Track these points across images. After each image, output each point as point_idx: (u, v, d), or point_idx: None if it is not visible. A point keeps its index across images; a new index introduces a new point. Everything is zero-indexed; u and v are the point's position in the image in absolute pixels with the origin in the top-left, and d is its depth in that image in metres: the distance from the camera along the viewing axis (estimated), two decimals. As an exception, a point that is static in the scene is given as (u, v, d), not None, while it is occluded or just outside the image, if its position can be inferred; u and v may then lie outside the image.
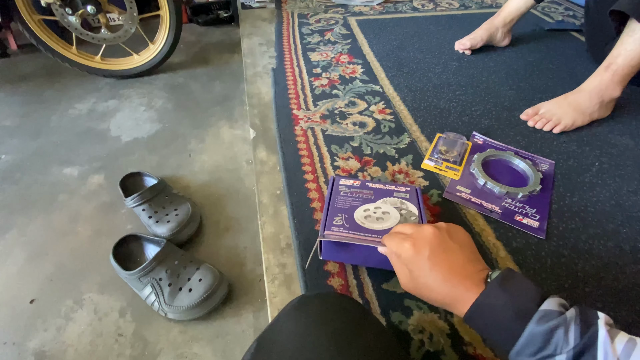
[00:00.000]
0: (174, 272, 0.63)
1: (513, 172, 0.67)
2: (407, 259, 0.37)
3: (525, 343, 0.28)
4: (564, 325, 0.28)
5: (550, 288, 0.50)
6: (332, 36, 1.16)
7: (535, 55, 1.04)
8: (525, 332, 0.28)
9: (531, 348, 0.28)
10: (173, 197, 0.79)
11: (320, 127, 0.79)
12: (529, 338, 0.28)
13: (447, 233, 0.38)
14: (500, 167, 0.68)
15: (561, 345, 0.27)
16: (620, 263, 0.53)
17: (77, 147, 1.02)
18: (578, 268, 0.52)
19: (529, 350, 0.28)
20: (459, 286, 0.33)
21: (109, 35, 1.17)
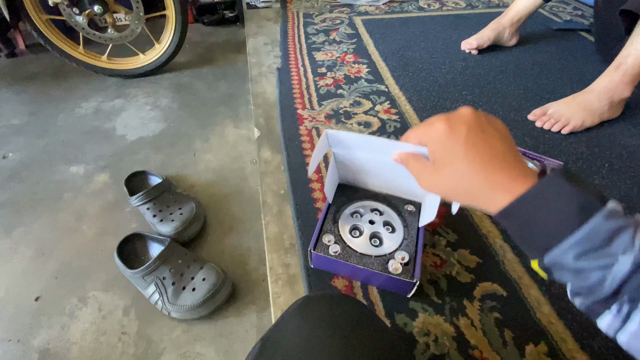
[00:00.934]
0: (178, 271, 0.63)
1: None
2: (436, 141, 0.30)
3: (584, 237, 0.23)
4: (633, 230, 0.23)
5: (558, 291, 0.49)
6: (338, 36, 1.16)
7: (543, 55, 1.03)
8: (588, 225, 0.23)
9: (587, 245, 0.23)
10: (177, 196, 0.79)
11: (325, 127, 0.79)
12: (591, 232, 0.23)
13: (486, 118, 0.30)
14: None
15: (626, 247, 0.23)
16: (630, 267, 0.52)
17: (83, 145, 1.02)
18: (587, 271, 0.51)
19: (583, 248, 0.23)
20: (500, 173, 0.27)
21: (116, 35, 1.18)
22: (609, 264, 0.23)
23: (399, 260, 0.47)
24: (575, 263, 0.24)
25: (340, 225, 0.51)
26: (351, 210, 0.54)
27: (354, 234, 0.50)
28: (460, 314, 0.47)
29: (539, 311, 0.47)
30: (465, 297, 0.48)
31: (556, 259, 0.25)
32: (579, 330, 0.45)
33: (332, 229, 0.50)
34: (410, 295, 0.48)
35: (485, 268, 0.52)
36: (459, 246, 0.54)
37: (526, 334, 0.45)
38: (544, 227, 0.25)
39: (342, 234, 0.50)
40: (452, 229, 0.57)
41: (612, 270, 0.23)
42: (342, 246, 0.48)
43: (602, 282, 0.23)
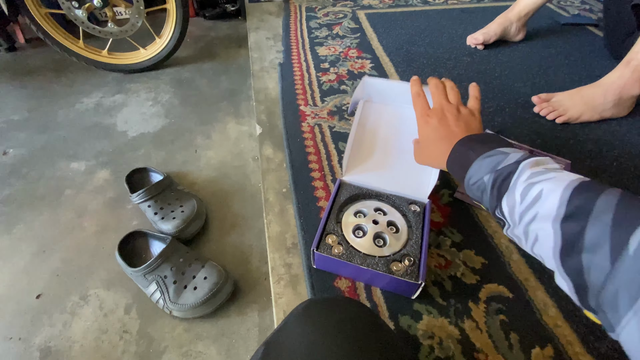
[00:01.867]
0: (179, 270, 0.62)
1: None
2: (420, 126, 0.48)
3: (472, 171, 0.36)
4: (504, 157, 0.34)
5: (564, 293, 0.48)
6: (341, 30, 1.14)
7: (550, 50, 1.01)
8: (474, 162, 0.36)
9: (473, 174, 0.36)
10: (179, 193, 0.78)
11: (328, 124, 0.77)
12: (475, 167, 0.36)
13: (450, 111, 0.45)
14: None
15: (490, 169, 0.34)
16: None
17: (84, 141, 1.02)
18: (595, 273, 0.50)
19: (472, 176, 0.36)
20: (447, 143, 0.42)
21: (116, 29, 1.16)
22: (482, 182, 0.35)
23: (404, 261, 0.46)
24: (472, 187, 0.37)
25: (344, 225, 0.51)
26: (354, 210, 0.53)
27: (357, 234, 0.50)
28: (466, 316, 0.46)
29: (545, 314, 0.46)
30: (471, 299, 0.48)
31: (469, 190, 0.38)
32: (585, 333, 0.44)
33: (335, 229, 0.50)
34: (415, 297, 0.47)
35: (490, 269, 0.51)
36: (464, 247, 0.53)
37: (532, 337, 0.44)
38: (461, 172, 0.38)
39: (345, 234, 0.49)
40: (457, 229, 0.56)
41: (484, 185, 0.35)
42: (346, 246, 0.48)
43: (486, 196, 0.35)
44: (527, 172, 0.31)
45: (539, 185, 0.29)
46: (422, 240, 0.48)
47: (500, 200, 0.33)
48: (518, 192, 0.31)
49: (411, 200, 0.54)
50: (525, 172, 0.31)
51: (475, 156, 0.36)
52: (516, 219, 0.31)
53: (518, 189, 0.31)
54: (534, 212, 0.29)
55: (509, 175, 0.32)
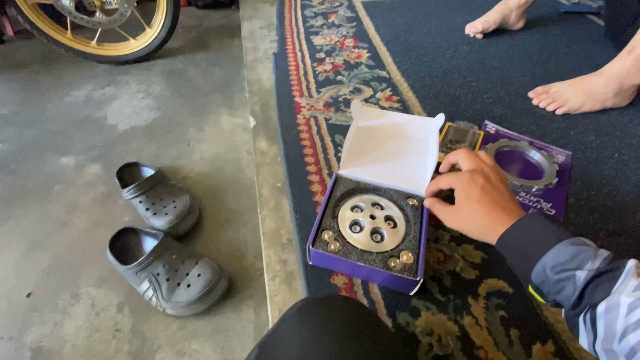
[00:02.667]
0: (172, 267, 0.61)
1: (527, 163, 0.63)
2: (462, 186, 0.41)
3: (553, 255, 0.31)
4: (594, 253, 0.30)
5: (566, 288, 0.47)
6: (337, 19, 1.11)
7: (550, 39, 0.99)
8: (557, 247, 0.31)
9: (557, 260, 0.31)
10: (171, 188, 0.76)
11: (324, 116, 0.75)
12: (558, 251, 0.31)
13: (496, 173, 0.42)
14: (514, 158, 0.64)
15: (585, 264, 0.29)
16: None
17: (74, 135, 0.99)
18: (596, 267, 0.49)
19: (554, 262, 0.31)
20: (501, 213, 0.37)
21: (104, 19, 1.12)
22: (573, 275, 0.30)
23: (402, 257, 0.45)
24: (553, 276, 0.31)
25: (340, 220, 0.49)
26: (351, 204, 0.51)
27: (354, 230, 0.48)
28: (465, 312, 0.45)
29: (546, 309, 0.45)
30: (470, 294, 0.47)
31: (540, 274, 0.32)
32: (587, 328, 0.43)
33: (332, 224, 0.48)
34: (413, 293, 0.46)
35: (490, 264, 0.50)
36: (463, 241, 0.52)
37: (533, 333, 0.43)
38: (528, 251, 0.33)
39: (341, 230, 0.48)
40: (456, 223, 0.54)
41: (574, 279, 0.30)
42: (342, 242, 0.46)
43: (570, 291, 0.30)
44: (632, 281, 0.27)
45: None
46: (420, 235, 0.47)
47: (595, 305, 0.28)
48: (625, 302, 0.27)
49: (409, 194, 0.52)
50: (631, 281, 0.27)
51: (556, 239, 0.32)
52: (617, 331, 0.27)
53: (624, 299, 0.27)
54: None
55: (611, 279, 0.28)
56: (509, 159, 0.64)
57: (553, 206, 0.56)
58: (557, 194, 0.58)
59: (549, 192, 0.58)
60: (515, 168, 0.62)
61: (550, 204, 0.56)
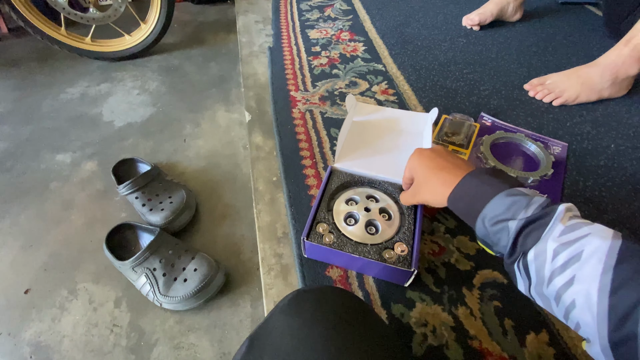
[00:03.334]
0: (168, 262, 0.61)
1: (523, 155, 0.63)
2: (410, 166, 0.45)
3: (490, 208, 0.32)
4: (527, 201, 0.31)
5: (561, 278, 0.47)
6: (333, 12, 1.10)
7: (548, 30, 0.98)
8: (493, 199, 0.32)
9: (493, 212, 0.32)
10: (167, 184, 0.76)
11: (319, 110, 0.75)
12: (494, 204, 0.32)
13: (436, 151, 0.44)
14: (510, 150, 0.64)
15: (518, 213, 0.30)
16: None
17: (69, 132, 0.99)
18: (591, 257, 0.49)
19: (491, 215, 0.32)
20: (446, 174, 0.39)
21: (98, 14, 1.12)
22: (506, 226, 0.31)
23: (396, 249, 0.45)
24: (490, 228, 0.32)
25: (335, 213, 0.49)
26: (346, 197, 0.51)
27: (349, 222, 0.48)
28: (459, 303, 0.45)
29: (540, 299, 0.45)
30: (465, 285, 0.47)
31: (481, 227, 0.33)
32: (581, 318, 0.43)
33: (326, 217, 0.48)
34: (408, 285, 0.46)
35: (485, 255, 0.50)
36: (458, 232, 0.52)
37: (527, 323, 0.43)
38: (471, 206, 0.35)
39: (336, 222, 0.48)
40: (451, 215, 0.54)
41: (508, 229, 0.31)
42: (337, 235, 0.46)
43: (505, 240, 0.31)
44: (559, 226, 0.28)
45: (577, 244, 0.26)
46: (414, 227, 0.47)
47: (527, 252, 0.30)
48: (550, 247, 0.28)
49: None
50: (557, 226, 0.28)
51: (493, 192, 0.32)
52: (545, 276, 0.28)
53: (550, 245, 0.28)
54: (570, 274, 0.26)
55: (540, 227, 0.29)
56: (505, 150, 0.63)
57: (549, 197, 0.55)
58: (553, 186, 0.57)
59: (545, 183, 0.58)
60: (511, 160, 0.62)
61: (546, 195, 0.56)
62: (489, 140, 0.63)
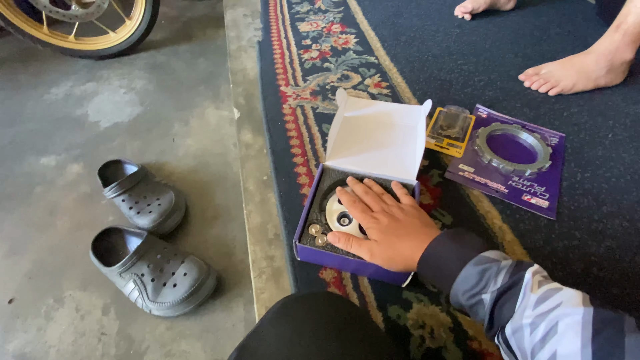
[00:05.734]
0: (157, 267, 0.59)
1: (520, 147, 0.61)
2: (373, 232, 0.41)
3: (461, 281, 0.31)
4: (496, 269, 0.30)
5: (561, 274, 0.46)
6: (323, 4, 1.07)
7: (542, 19, 0.96)
8: (462, 272, 0.31)
9: (465, 286, 0.31)
10: (155, 185, 0.74)
11: (311, 105, 0.73)
12: (464, 277, 0.31)
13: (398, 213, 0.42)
14: (507, 142, 0.62)
15: (489, 285, 0.30)
16: (637, 243, 0.49)
17: (54, 134, 0.96)
18: (592, 251, 0.48)
19: (463, 289, 0.31)
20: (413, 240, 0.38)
21: (81, 11, 1.08)
22: (480, 299, 0.31)
23: None
24: (466, 302, 0.32)
25: (328, 213, 0.47)
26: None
27: (342, 222, 0.46)
28: (458, 303, 0.43)
29: (541, 296, 0.44)
30: (463, 284, 0.45)
31: (456, 302, 0.33)
32: (583, 314, 0.42)
33: (319, 218, 0.46)
34: (405, 285, 0.44)
35: (483, 252, 0.48)
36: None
37: (528, 321, 0.42)
38: (441, 279, 0.34)
39: (329, 223, 0.46)
40: (448, 211, 0.53)
41: (483, 303, 0.30)
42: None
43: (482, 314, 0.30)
44: (531, 297, 0.28)
45: (550, 316, 0.26)
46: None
47: (504, 326, 0.29)
48: (527, 321, 0.27)
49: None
50: (528, 297, 0.28)
51: (460, 264, 0.32)
52: (526, 350, 0.28)
53: (526, 318, 0.27)
54: (550, 348, 0.26)
55: (512, 297, 0.29)
56: (501, 142, 0.62)
57: (547, 190, 0.54)
58: (551, 178, 0.56)
59: (543, 175, 0.56)
60: (507, 152, 0.60)
61: (543, 187, 0.55)
62: (484, 132, 0.61)
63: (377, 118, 0.61)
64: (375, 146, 0.56)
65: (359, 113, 0.62)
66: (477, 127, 0.64)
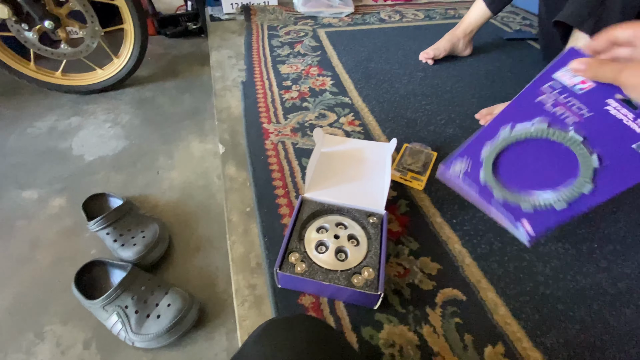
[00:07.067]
0: (141, 299, 0.60)
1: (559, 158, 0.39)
2: None
3: None
4: None
5: (512, 293, 0.52)
6: (302, 48, 1.17)
7: (495, 63, 1.09)
8: None
9: None
10: (140, 218, 0.76)
11: (291, 140, 0.79)
12: None
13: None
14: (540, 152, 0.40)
15: None
16: (578, 263, 0.56)
17: (37, 168, 0.97)
18: (539, 270, 0.55)
19: None
20: None
21: (70, 50, 1.13)
22: None
23: (364, 273, 0.48)
24: None
25: (307, 241, 0.52)
26: (317, 225, 0.54)
27: (320, 250, 0.51)
28: (424, 322, 0.48)
29: (495, 313, 0.49)
30: (428, 304, 0.50)
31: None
32: (532, 328, 0.48)
33: (298, 247, 0.51)
34: (376, 307, 0.49)
35: (445, 274, 0.54)
36: (420, 254, 0.56)
37: (485, 336, 0.47)
38: None
39: (307, 251, 0.51)
40: (414, 238, 0.58)
41: None
42: (308, 263, 0.49)
43: None
44: None
45: None
46: (380, 251, 0.51)
47: None
48: None
49: (369, 213, 0.56)
50: None
51: None
52: None
53: None
54: None
55: None
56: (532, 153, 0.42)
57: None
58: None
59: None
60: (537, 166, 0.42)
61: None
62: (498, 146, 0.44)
63: (350, 154, 0.68)
64: (348, 179, 0.62)
65: (334, 149, 0.69)
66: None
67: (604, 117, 0.34)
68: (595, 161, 0.37)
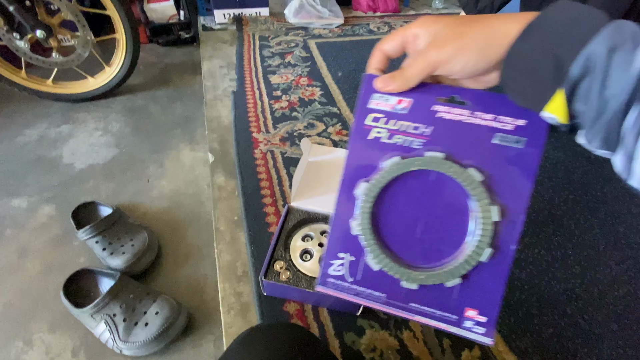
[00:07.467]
0: (129, 307, 0.61)
1: None
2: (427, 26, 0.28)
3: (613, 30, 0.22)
4: None
5: (490, 298, 0.54)
6: (292, 59, 1.20)
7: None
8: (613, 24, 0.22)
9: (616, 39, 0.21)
10: (129, 226, 0.77)
11: (280, 150, 0.81)
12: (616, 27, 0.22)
13: None
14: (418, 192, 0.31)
15: None
16: (552, 269, 0.58)
17: (26, 176, 0.97)
18: (514, 276, 0.57)
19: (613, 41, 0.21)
20: (499, 19, 0.26)
21: (61, 59, 1.14)
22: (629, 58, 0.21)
23: None
24: (608, 57, 0.21)
25: (292, 250, 0.53)
26: (302, 234, 0.56)
27: (304, 258, 0.52)
28: (404, 327, 0.50)
29: (473, 318, 0.51)
30: (409, 310, 0.52)
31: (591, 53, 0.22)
32: (507, 332, 0.50)
33: (283, 255, 0.52)
34: (359, 313, 0.50)
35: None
36: (403, 262, 0.58)
37: (462, 340, 0.49)
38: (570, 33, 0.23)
39: (292, 259, 0.52)
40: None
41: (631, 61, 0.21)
42: (293, 271, 0.50)
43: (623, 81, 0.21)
44: None
45: None
46: None
47: None
48: None
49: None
50: None
51: (600, 23, 0.22)
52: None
53: None
54: None
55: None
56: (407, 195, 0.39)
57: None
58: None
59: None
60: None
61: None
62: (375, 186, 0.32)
63: (337, 163, 0.70)
64: (334, 188, 0.64)
65: (321, 158, 0.71)
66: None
67: (445, 126, 0.30)
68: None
